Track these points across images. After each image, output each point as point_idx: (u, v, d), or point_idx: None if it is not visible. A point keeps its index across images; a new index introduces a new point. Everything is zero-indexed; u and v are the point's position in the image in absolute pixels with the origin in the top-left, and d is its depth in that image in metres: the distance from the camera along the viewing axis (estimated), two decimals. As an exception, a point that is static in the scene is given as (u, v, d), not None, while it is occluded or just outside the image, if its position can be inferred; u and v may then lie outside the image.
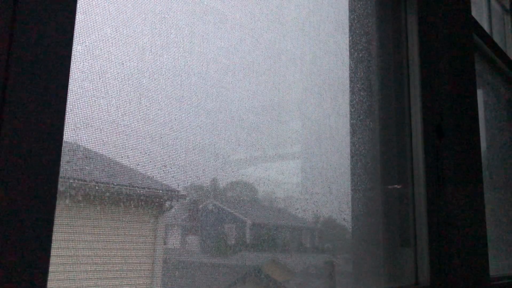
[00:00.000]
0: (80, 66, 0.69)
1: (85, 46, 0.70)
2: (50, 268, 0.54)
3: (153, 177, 0.80)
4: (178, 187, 0.84)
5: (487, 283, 1.57)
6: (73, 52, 0.66)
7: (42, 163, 0.54)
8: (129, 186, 0.78)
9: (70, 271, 0.71)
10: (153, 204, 0.82)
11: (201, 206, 0.89)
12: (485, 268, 1.56)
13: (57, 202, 0.57)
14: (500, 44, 2.46)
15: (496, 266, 1.90)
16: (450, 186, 1.41)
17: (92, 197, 0.73)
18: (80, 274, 0.72)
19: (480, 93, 2.07)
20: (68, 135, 0.67)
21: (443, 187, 1.38)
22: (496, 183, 2.14)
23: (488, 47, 2.02)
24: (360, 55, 1.30)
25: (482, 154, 1.71)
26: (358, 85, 1.27)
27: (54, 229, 0.55)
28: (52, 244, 0.55)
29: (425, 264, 1.27)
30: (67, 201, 0.69)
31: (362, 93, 1.28)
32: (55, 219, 0.56)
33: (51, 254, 0.55)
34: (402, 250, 1.30)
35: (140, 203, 0.79)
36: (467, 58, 1.65)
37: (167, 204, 0.85)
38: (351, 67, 1.26)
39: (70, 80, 0.59)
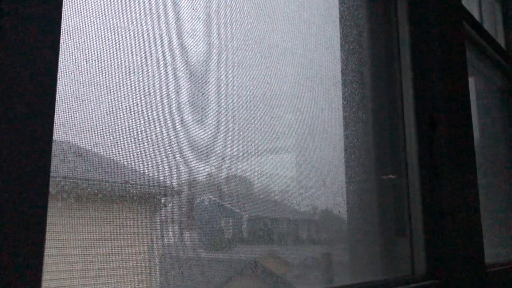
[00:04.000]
0: (69, 65, 0.69)
1: (74, 45, 0.70)
2: (45, 268, 0.54)
3: (148, 174, 0.79)
4: (173, 184, 0.83)
5: (483, 271, 1.58)
6: (63, 52, 0.65)
7: (33, 163, 0.53)
8: (124, 184, 0.77)
9: (65, 271, 0.71)
10: (148, 201, 0.82)
11: (196, 201, 0.89)
12: (481, 256, 1.57)
13: (51, 202, 0.56)
14: (491, 32, 2.46)
15: (491, 253, 1.91)
16: (444, 175, 1.41)
17: (87, 197, 0.73)
18: (76, 273, 0.72)
19: (471, 82, 2.08)
20: (60, 134, 0.67)
21: (437, 177, 1.39)
22: (489, 171, 2.15)
23: (479, 36, 2.02)
24: (351, 47, 1.30)
25: (475, 143, 1.72)
26: (350, 78, 1.27)
27: (49, 229, 0.55)
28: (48, 244, 0.55)
29: (421, 254, 1.28)
30: (60, 201, 0.68)
31: (354, 85, 1.28)
32: (50, 219, 0.56)
33: (46, 254, 0.54)
34: (398, 241, 1.31)
35: (135, 201, 0.79)
36: (458, 47, 1.65)
37: (163, 200, 0.85)
38: (343, 59, 1.26)
39: (60, 80, 0.58)
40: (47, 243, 0.55)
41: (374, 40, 1.37)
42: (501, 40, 2.58)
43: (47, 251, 0.55)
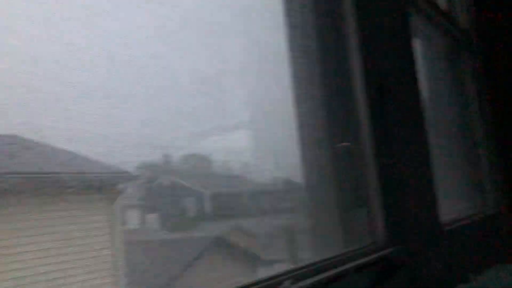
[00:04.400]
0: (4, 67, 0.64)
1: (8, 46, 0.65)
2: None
3: (101, 162, 0.77)
4: (129, 169, 0.82)
5: (440, 229, 1.63)
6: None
7: None
8: (79, 175, 0.75)
9: (25, 268, 0.68)
10: (105, 189, 0.80)
11: (155, 183, 0.88)
12: (436, 216, 1.62)
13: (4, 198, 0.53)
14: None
15: (447, 211, 1.97)
16: (397, 141, 1.44)
17: (42, 190, 0.70)
18: (37, 269, 0.69)
19: (416, 44, 2.10)
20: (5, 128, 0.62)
21: (390, 144, 1.40)
22: (439, 132, 2.20)
23: (422, 1, 2.04)
24: (296, 21, 1.27)
25: (424, 105, 1.75)
26: (296, 53, 1.25)
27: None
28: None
29: (380, 223, 1.30)
30: (14, 197, 0.65)
31: (301, 61, 1.26)
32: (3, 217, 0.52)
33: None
34: (357, 212, 1.32)
35: (91, 190, 0.77)
36: (401, 12, 1.66)
37: (120, 187, 0.83)
38: (288, 35, 1.24)
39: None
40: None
41: (317, 12, 1.35)
42: (442, 3, 2.62)
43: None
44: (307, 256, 1.22)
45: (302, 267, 1.01)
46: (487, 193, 2.46)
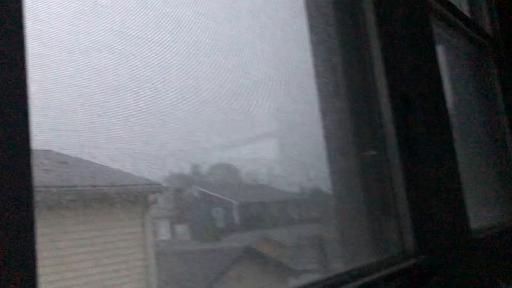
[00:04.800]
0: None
1: (46, 68, 0.69)
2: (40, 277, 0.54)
3: (133, 174, 0.80)
4: (159, 180, 0.84)
5: (469, 238, 1.62)
6: (36, 74, 0.65)
7: (14, 175, 0.53)
8: (111, 187, 0.77)
9: (62, 279, 0.71)
10: (136, 200, 0.82)
11: (186, 194, 0.90)
12: (466, 225, 1.61)
13: (41, 212, 0.56)
14: (454, 2, 2.49)
15: (477, 219, 1.96)
16: (423, 150, 1.44)
17: (75, 203, 0.72)
18: (72, 281, 0.71)
19: (441, 53, 2.10)
20: (40, 142, 0.66)
21: (417, 153, 1.41)
22: (466, 139, 2.19)
23: (443, 7, 2.05)
24: (320, 37, 1.30)
25: (450, 113, 1.75)
26: (321, 68, 1.28)
27: (41, 240, 0.55)
28: (42, 254, 0.54)
29: (409, 232, 1.30)
30: (48, 209, 0.68)
31: (326, 75, 1.29)
32: (41, 229, 0.55)
33: (40, 265, 0.54)
34: (385, 221, 1.33)
35: (123, 202, 0.78)
36: (424, 22, 1.67)
37: (151, 198, 0.85)
38: (312, 50, 1.27)
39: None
40: (41, 253, 0.54)
41: (341, 27, 1.38)
42: (464, 8, 2.61)
43: (43, 261, 0.54)
44: (337, 266, 1.23)
45: (332, 277, 1.03)
46: (517, 200, 2.43)
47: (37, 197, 0.65)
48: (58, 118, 0.69)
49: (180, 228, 0.89)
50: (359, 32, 1.41)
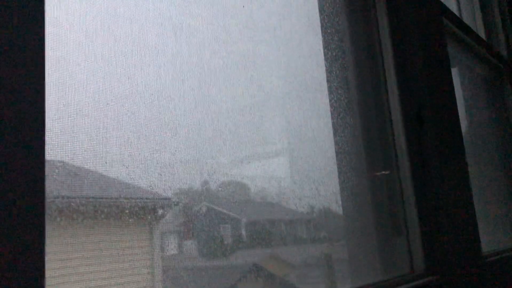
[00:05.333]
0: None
1: (61, 78, 0.70)
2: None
3: (143, 187, 0.80)
4: (169, 195, 0.84)
5: (481, 261, 1.60)
6: (51, 84, 0.66)
7: (25, 184, 0.53)
8: (118, 199, 0.77)
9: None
10: (145, 214, 0.82)
11: (194, 210, 0.90)
12: (478, 246, 1.59)
13: (51, 222, 0.56)
14: (470, 23, 2.49)
15: (489, 242, 1.93)
16: (435, 170, 1.43)
17: (84, 214, 0.73)
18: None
19: (455, 74, 2.10)
20: (52, 153, 0.67)
21: (429, 172, 1.40)
22: (480, 161, 2.17)
23: (459, 29, 2.05)
24: (334, 53, 1.31)
25: (464, 134, 1.74)
26: (335, 84, 1.29)
27: (49, 250, 0.55)
28: (48, 264, 0.54)
29: (418, 251, 1.29)
30: (58, 220, 0.69)
31: (339, 91, 1.30)
32: (50, 239, 0.56)
33: (47, 275, 0.54)
34: (395, 239, 1.32)
35: (131, 215, 0.79)
36: (439, 43, 1.67)
37: (160, 212, 0.85)
38: (326, 66, 1.27)
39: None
40: (47, 264, 0.55)
41: (355, 45, 1.39)
42: (481, 31, 2.62)
43: (47, 273, 0.54)
44: (345, 285, 1.22)
45: (340, 294, 1.02)
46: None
47: (49, 207, 0.66)
48: (70, 124, 0.70)
49: (188, 244, 0.89)
50: (374, 49, 1.42)
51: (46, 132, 0.56)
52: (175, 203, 0.86)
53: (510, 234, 2.28)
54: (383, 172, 1.36)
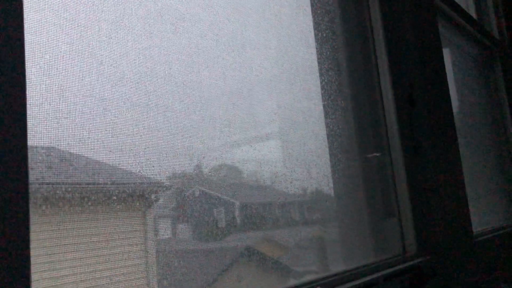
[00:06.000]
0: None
1: (43, 62, 0.69)
2: (38, 274, 0.53)
3: (135, 171, 0.79)
4: (159, 179, 0.83)
5: (471, 241, 1.61)
6: (33, 69, 0.64)
7: (7, 171, 0.52)
8: (112, 184, 0.77)
9: (61, 276, 0.70)
10: (138, 199, 0.82)
11: (187, 194, 0.89)
12: (468, 227, 1.60)
13: (40, 208, 0.55)
14: (462, 5, 2.47)
15: (480, 222, 1.95)
16: (426, 151, 1.43)
17: (76, 200, 0.72)
18: (72, 277, 0.71)
19: (446, 55, 2.09)
20: (35, 139, 0.66)
21: (420, 154, 1.40)
22: (471, 142, 2.18)
23: (451, 9, 2.04)
24: (324, 34, 1.30)
25: (455, 115, 1.74)
26: (325, 66, 1.27)
27: (39, 236, 0.54)
28: (40, 250, 0.54)
29: (410, 232, 1.30)
30: (44, 208, 0.68)
31: (330, 73, 1.28)
32: (40, 226, 0.55)
33: (39, 261, 0.53)
34: (387, 221, 1.32)
35: (125, 200, 0.78)
36: (431, 23, 1.66)
37: (153, 197, 0.85)
38: (317, 48, 1.26)
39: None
40: (40, 250, 0.54)
41: (346, 25, 1.37)
42: (472, 11, 2.60)
43: (39, 259, 0.54)
44: (337, 266, 1.22)
45: (332, 275, 1.03)
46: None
47: (37, 193, 0.65)
48: (58, 111, 0.69)
49: (181, 227, 0.89)
50: (365, 30, 1.41)
51: (28, 118, 0.55)
52: (167, 187, 0.86)
53: (499, 214, 2.30)
54: (375, 154, 1.35)
